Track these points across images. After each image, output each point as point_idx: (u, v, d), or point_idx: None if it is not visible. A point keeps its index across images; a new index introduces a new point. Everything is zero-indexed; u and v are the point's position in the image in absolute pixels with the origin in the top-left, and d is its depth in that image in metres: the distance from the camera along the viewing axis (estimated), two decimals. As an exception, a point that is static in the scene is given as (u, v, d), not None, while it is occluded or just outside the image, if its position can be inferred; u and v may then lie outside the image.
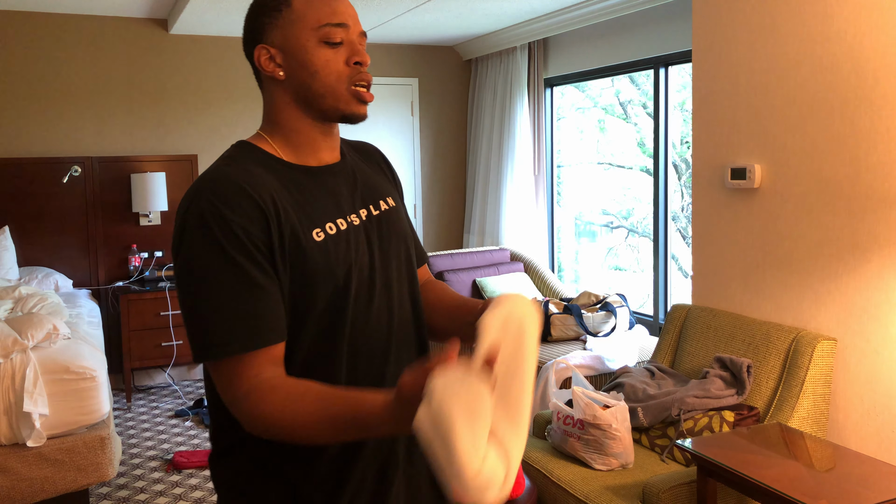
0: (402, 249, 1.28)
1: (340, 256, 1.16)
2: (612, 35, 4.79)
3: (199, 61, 5.40)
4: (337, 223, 1.19)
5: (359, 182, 1.27)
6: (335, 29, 1.17)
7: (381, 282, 1.22)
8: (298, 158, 1.22)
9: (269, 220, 1.10)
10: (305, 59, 1.17)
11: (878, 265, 2.55)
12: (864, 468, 2.17)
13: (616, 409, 2.69)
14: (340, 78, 1.18)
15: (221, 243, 1.08)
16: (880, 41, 2.50)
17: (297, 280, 1.13)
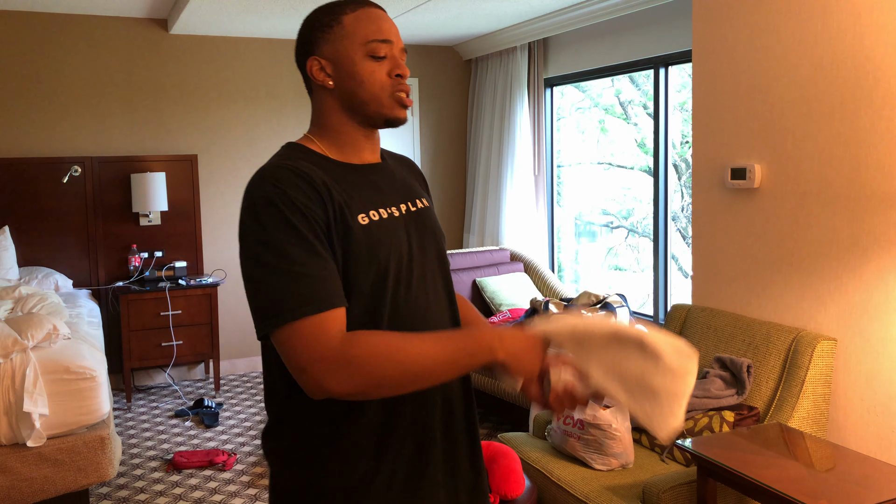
0: (436, 246, 1.39)
1: (383, 241, 1.26)
2: (612, 35, 4.79)
3: (199, 61, 5.40)
4: (380, 212, 1.29)
5: (397, 180, 1.40)
6: (380, 45, 1.32)
7: (419, 272, 1.32)
8: (343, 157, 1.34)
9: (325, 200, 1.22)
10: (353, 70, 1.31)
11: (878, 265, 2.55)
12: (864, 468, 2.17)
13: (616, 409, 2.69)
14: (384, 87, 1.32)
15: (289, 218, 1.18)
16: (880, 41, 2.50)
17: (344, 259, 1.22)
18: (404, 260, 1.29)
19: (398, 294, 1.27)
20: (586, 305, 4.32)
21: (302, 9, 4.58)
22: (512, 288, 4.82)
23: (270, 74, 5.61)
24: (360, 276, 1.23)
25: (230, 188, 5.53)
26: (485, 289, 4.80)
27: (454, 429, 1.35)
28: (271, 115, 5.64)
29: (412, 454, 1.28)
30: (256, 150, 5.59)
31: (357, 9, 1.33)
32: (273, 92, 5.63)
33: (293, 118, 5.70)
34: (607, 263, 6.12)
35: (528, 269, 5.11)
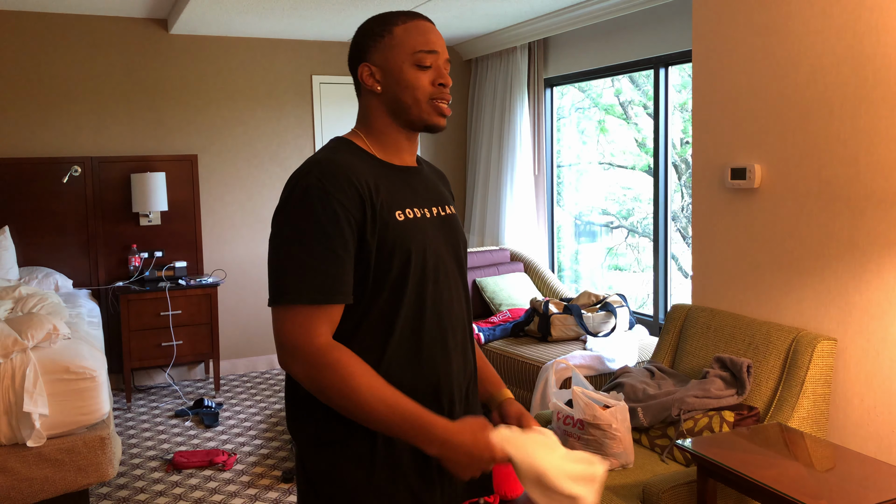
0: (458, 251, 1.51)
1: (416, 237, 1.38)
2: (612, 35, 4.79)
3: (199, 61, 5.40)
4: (414, 210, 1.41)
5: (430, 185, 1.52)
6: (426, 55, 1.42)
7: (444, 270, 1.44)
8: (386, 156, 1.46)
9: (364, 200, 1.33)
10: (400, 77, 1.42)
11: (878, 265, 2.55)
12: (864, 468, 2.17)
13: (616, 409, 2.69)
14: (426, 94, 1.42)
15: (317, 212, 1.30)
16: (880, 41, 2.50)
17: (380, 250, 1.34)
18: (433, 257, 1.41)
19: (425, 286, 1.39)
20: (586, 305, 4.32)
21: (301, 9, 4.58)
22: (512, 288, 4.82)
23: (270, 74, 5.61)
24: (392, 265, 1.35)
25: (230, 188, 5.53)
26: (485, 289, 4.80)
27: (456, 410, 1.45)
28: (271, 115, 5.64)
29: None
30: (256, 150, 5.59)
31: (408, 21, 1.44)
32: (273, 92, 5.63)
33: (293, 118, 5.70)
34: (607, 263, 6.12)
35: (528, 269, 5.11)
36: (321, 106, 5.78)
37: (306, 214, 1.30)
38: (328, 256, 1.29)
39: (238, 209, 5.56)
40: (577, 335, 4.18)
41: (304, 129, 5.74)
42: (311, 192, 1.31)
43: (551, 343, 4.15)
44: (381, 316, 1.35)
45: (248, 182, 5.57)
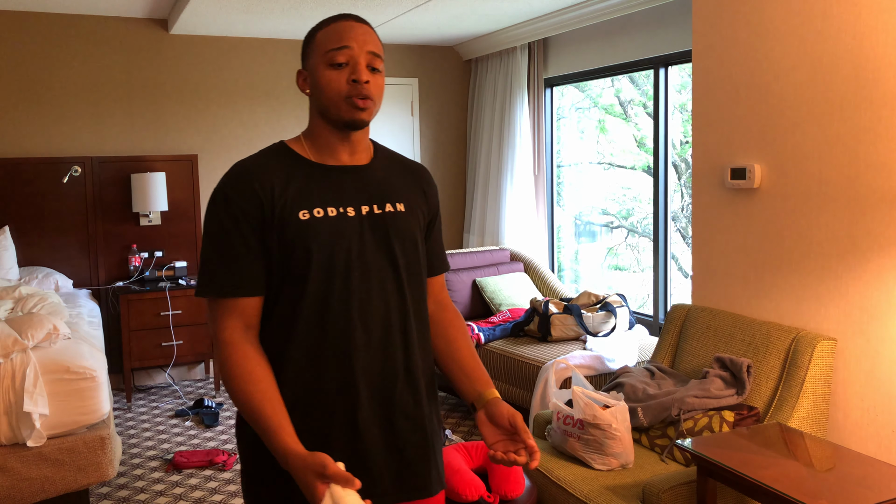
0: (398, 248, 1.50)
1: (322, 235, 1.43)
2: (612, 35, 4.79)
3: (199, 61, 5.40)
4: (327, 210, 1.45)
5: (373, 185, 1.52)
6: (337, 52, 1.44)
7: (362, 269, 1.46)
8: (319, 158, 1.51)
9: (263, 202, 1.42)
10: (317, 79, 1.47)
11: (878, 265, 2.55)
12: (864, 468, 2.17)
13: (616, 409, 2.69)
14: (340, 93, 1.44)
15: (220, 215, 1.43)
16: (880, 41, 2.50)
17: (281, 247, 1.42)
18: (344, 254, 1.44)
19: (331, 283, 1.43)
20: (586, 305, 4.32)
21: (301, 9, 4.58)
22: (512, 288, 4.82)
23: (270, 74, 5.61)
24: (290, 265, 1.42)
25: (230, 188, 5.52)
26: (485, 289, 4.80)
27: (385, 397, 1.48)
28: (271, 115, 5.64)
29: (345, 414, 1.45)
30: (256, 149, 5.56)
31: (330, 24, 1.48)
32: (273, 92, 5.63)
33: (293, 118, 5.70)
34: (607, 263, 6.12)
35: (528, 269, 5.12)
36: (321, 106, 5.78)
37: (213, 217, 1.44)
38: (229, 254, 1.42)
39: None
40: (577, 335, 4.18)
41: (304, 129, 5.72)
42: (217, 197, 1.44)
43: (551, 343, 4.15)
44: (286, 309, 1.43)
45: (248, 182, 5.56)
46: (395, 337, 1.48)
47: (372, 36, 1.47)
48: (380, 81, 1.48)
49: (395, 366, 1.48)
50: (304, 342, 1.43)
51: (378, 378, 1.46)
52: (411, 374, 1.50)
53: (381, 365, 1.46)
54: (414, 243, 1.53)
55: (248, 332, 1.42)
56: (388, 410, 1.47)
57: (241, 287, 1.42)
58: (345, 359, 1.43)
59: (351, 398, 1.44)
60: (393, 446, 1.48)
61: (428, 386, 1.56)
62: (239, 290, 1.42)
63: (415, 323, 1.52)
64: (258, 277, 1.43)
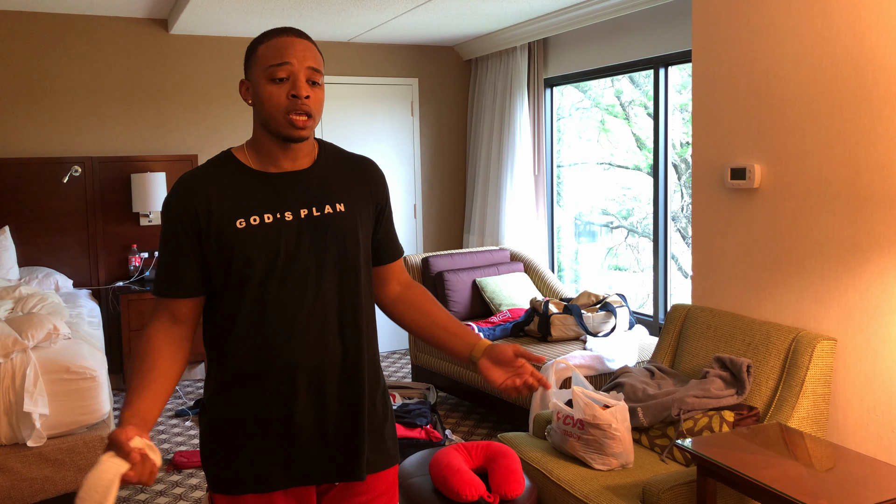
0: (336, 248, 1.57)
1: (256, 242, 1.51)
2: (612, 35, 4.79)
3: (199, 61, 5.40)
4: (263, 217, 1.53)
5: (313, 188, 1.59)
6: (278, 68, 1.51)
7: (300, 271, 1.54)
8: (261, 165, 1.59)
9: (200, 213, 1.52)
10: (258, 93, 1.54)
11: (878, 265, 2.55)
12: (864, 468, 2.17)
13: (616, 409, 2.69)
14: (279, 108, 1.51)
15: (164, 224, 1.56)
16: (880, 41, 2.50)
17: (219, 254, 1.52)
18: (279, 259, 1.52)
19: (268, 285, 1.52)
20: (586, 305, 4.32)
21: (301, 9, 4.58)
22: (512, 288, 4.82)
23: (270, 74, 5.60)
24: (231, 268, 1.51)
25: (230, 188, 5.53)
26: (485, 289, 4.80)
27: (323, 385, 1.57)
28: (271, 115, 5.63)
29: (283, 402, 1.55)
30: (256, 150, 5.59)
31: (271, 38, 1.54)
32: (273, 92, 5.62)
33: (293, 118, 5.69)
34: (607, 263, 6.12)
35: (528, 269, 5.12)
36: (321, 106, 5.78)
37: (162, 225, 1.57)
38: (168, 259, 1.55)
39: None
40: (577, 335, 4.18)
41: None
42: (164, 206, 1.56)
43: (551, 343, 4.15)
44: (227, 309, 1.54)
45: (248, 182, 5.57)
46: (332, 334, 1.56)
47: (312, 51, 1.54)
48: (319, 95, 1.54)
49: (333, 360, 1.56)
50: (244, 342, 1.53)
51: (315, 373, 1.55)
52: (349, 368, 1.59)
53: (319, 360, 1.55)
54: (354, 242, 1.60)
55: (173, 326, 1.55)
56: (324, 402, 1.56)
57: (174, 289, 1.54)
58: (283, 356, 1.52)
59: (289, 391, 1.53)
60: (326, 433, 1.57)
61: (370, 376, 1.64)
62: (171, 291, 1.54)
63: (353, 319, 1.59)
64: (191, 281, 1.54)
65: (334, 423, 1.58)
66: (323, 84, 1.57)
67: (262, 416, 1.55)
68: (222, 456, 1.57)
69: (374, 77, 5.96)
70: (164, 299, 1.56)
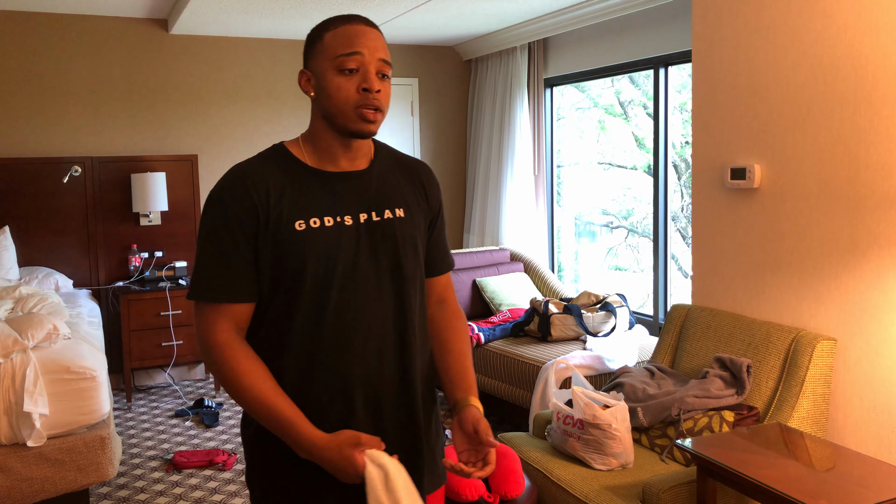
0: (395, 257, 1.48)
1: (315, 247, 1.40)
2: (612, 35, 4.79)
3: (199, 61, 5.40)
4: (324, 220, 1.42)
5: (371, 190, 1.49)
6: (348, 58, 1.40)
7: (361, 277, 1.44)
8: (318, 163, 1.47)
9: (259, 209, 1.39)
10: (325, 85, 1.42)
11: (878, 265, 2.55)
12: (864, 468, 2.17)
13: (616, 409, 2.69)
14: (349, 102, 1.40)
15: (215, 219, 1.40)
16: (880, 41, 2.50)
17: (275, 256, 1.40)
18: (341, 264, 1.42)
19: (327, 293, 1.41)
20: (586, 305, 4.32)
21: (301, 9, 4.58)
22: (512, 288, 4.82)
23: (270, 74, 5.61)
24: (287, 272, 1.40)
25: (230, 188, 5.53)
26: (485, 289, 4.80)
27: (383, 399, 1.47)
28: (271, 115, 5.64)
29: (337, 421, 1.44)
30: (256, 149, 5.55)
31: (339, 26, 1.43)
32: (273, 92, 5.63)
33: (293, 118, 5.70)
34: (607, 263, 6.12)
35: (528, 269, 5.12)
36: (321, 106, 5.78)
37: (208, 220, 1.41)
38: (220, 259, 1.39)
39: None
40: (577, 335, 4.18)
41: (304, 129, 5.66)
42: (212, 200, 1.41)
43: (551, 343, 4.15)
44: (278, 317, 1.42)
45: (248, 182, 5.57)
46: (391, 347, 1.47)
47: (382, 42, 1.44)
48: (388, 89, 1.44)
49: (391, 375, 1.47)
50: (298, 353, 1.42)
51: (372, 388, 1.45)
52: (406, 383, 1.49)
53: (377, 375, 1.45)
54: (414, 249, 1.51)
55: (239, 334, 1.42)
56: (381, 419, 1.46)
57: (234, 293, 1.40)
58: (339, 370, 1.42)
59: (345, 407, 1.43)
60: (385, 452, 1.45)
61: (425, 392, 1.54)
62: (231, 295, 1.40)
63: (411, 331, 1.49)
64: (250, 284, 1.41)
65: (392, 443, 1.46)
66: (390, 78, 1.47)
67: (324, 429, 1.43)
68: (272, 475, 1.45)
69: (374, 77, 5.96)
70: (221, 305, 1.40)
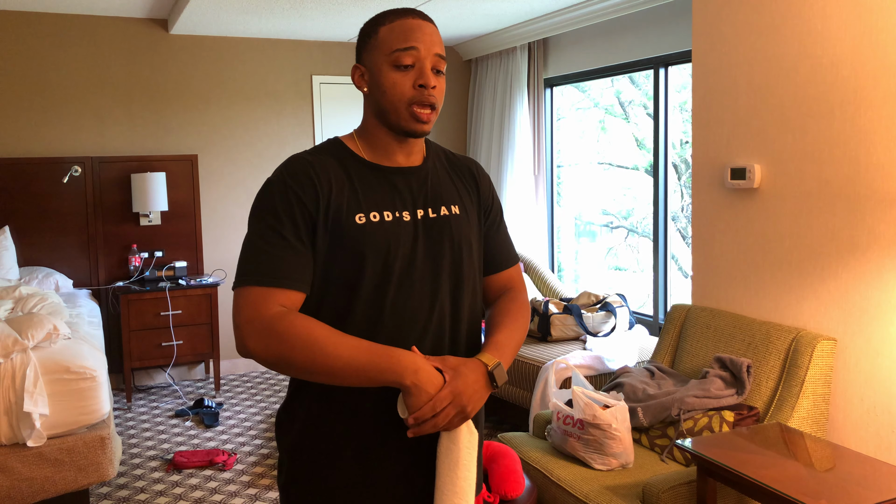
0: (451, 255, 1.43)
1: (373, 242, 1.35)
2: (612, 35, 4.79)
3: (199, 61, 5.40)
4: (383, 214, 1.38)
5: (427, 187, 1.45)
6: (404, 53, 1.36)
7: (419, 276, 1.39)
8: (374, 158, 1.43)
9: (321, 198, 1.34)
10: (379, 80, 1.39)
11: (878, 265, 2.55)
12: (864, 468, 2.17)
13: (616, 409, 2.69)
14: (403, 99, 1.37)
15: (275, 203, 1.34)
16: (880, 41, 2.50)
17: (331, 249, 1.35)
18: (400, 261, 1.36)
19: (384, 291, 1.35)
20: (586, 305, 4.32)
21: (301, 9, 4.58)
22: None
23: (270, 74, 5.61)
24: (338, 270, 1.34)
25: (230, 188, 5.53)
26: (485, 289, 4.80)
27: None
28: (271, 115, 5.64)
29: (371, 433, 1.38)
30: (256, 150, 5.59)
31: (395, 20, 1.39)
32: (273, 92, 5.63)
33: (293, 118, 5.70)
34: (607, 263, 6.12)
35: (528, 269, 5.11)
36: (321, 106, 5.78)
37: (266, 204, 1.35)
38: (280, 243, 1.32)
39: (238, 209, 5.56)
40: (577, 335, 4.18)
41: (304, 129, 5.74)
42: (273, 185, 1.36)
43: (551, 343, 4.15)
44: (332, 315, 1.35)
45: (248, 182, 5.57)
46: (445, 347, 1.42)
47: (438, 36, 1.40)
48: (443, 85, 1.41)
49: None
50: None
51: None
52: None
53: None
54: (469, 248, 1.46)
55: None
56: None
57: (288, 278, 1.32)
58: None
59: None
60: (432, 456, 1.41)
61: None
62: (285, 280, 1.31)
63: (465, 333, 1.45)
64: (305, 272, 1.34)
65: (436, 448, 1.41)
66: (445, 74, 1.43)
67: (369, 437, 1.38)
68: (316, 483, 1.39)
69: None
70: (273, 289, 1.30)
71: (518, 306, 1.54)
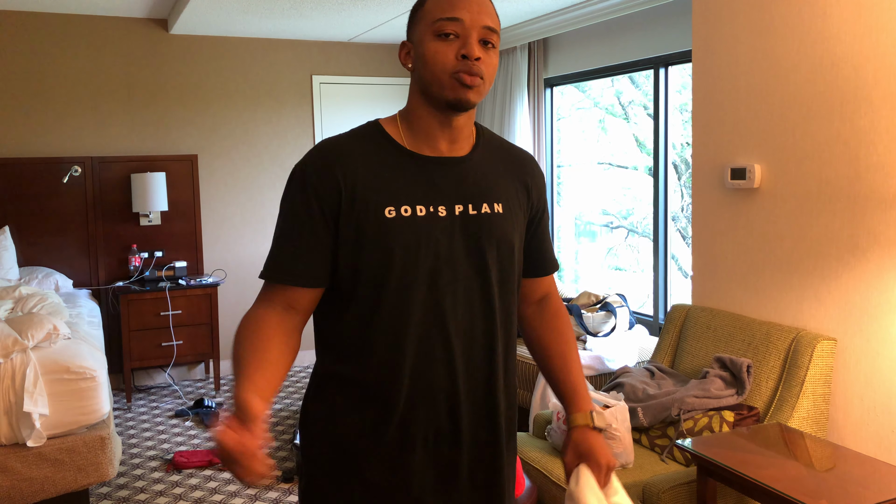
0: (490, 255, 1.35)
1: (403, 238, 1.28)
2: (612, 35, 4.79)
3: (199, 61, 5.40)
4: (416, 208, 1.30)
5: (470, 181, 1.36)
6: (447, 23, 1.28)
7: (450, 275, 1.32)
8: (415, 145, 1.35)
9: (342, 191, 1.28)
10: (421, 51, 1.31)
11: (878, 265, 2.55)
12: (864, 468, 2.17)
13: (616, 409, 2.69)
14: (445, 68, 1.28)
15: (294, 197, 1.31)
16: (880, 41, 2.50)
17: (356, 243, 1.29)
18: (430, 259, 1.30)
19: (414, 289, 1.29)
20: (586, 305, 4.32)
21: (301, 9, 4.58)
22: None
23: (270, 74, 5.61)
24: (365, 266, 1.29)
25: (230, 188, 5.53)
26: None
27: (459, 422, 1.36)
28: (271, 115, 5.64)
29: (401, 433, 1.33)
30: (256, 150, 5.59)
31: None
32: (273, 92, 5.63)
33: (293, 118, 5.70)
34: (607, 263, 6.12)
35: (528, 269, 5.11)
36: (321, 106, 5.78)
37: (287, 196, 1.33)
38: (293, 240, 1.30)
39: (238, 209, 5.56)
40: (577, 335, 4.18)
41: (304, 129, 5.74)
42: (294, 178, 1.33)
43: (551, 343, 4.15)
44: (359, 317, 1.30)
45: (248, 182, 5.57)
46: (478, 353, 1.35)
47: (488, 8, 1.31)
48: (493, 60, 1.31)
49: (476, 384, 1.36)
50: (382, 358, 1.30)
51: (455, 396, 1.33)
52: (491, 393, 1.38)
53: (461, 382, 1.33)
54: (510, 250, 1.38)
55: (286, 315, 1.31)
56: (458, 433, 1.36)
57: (295, 276, 1.30)
58: (422, 375, 1.31)
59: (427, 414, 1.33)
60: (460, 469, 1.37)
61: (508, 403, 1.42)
62: (291, 277, 1.30)
63: (500, 338, 1.38)
64: (319, 269, 1.30)
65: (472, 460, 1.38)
66: (498, 47, 1.32)
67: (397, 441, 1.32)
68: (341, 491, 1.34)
69: (374, 77, 5.96)
70: (280, 286, 1.30)
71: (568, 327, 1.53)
